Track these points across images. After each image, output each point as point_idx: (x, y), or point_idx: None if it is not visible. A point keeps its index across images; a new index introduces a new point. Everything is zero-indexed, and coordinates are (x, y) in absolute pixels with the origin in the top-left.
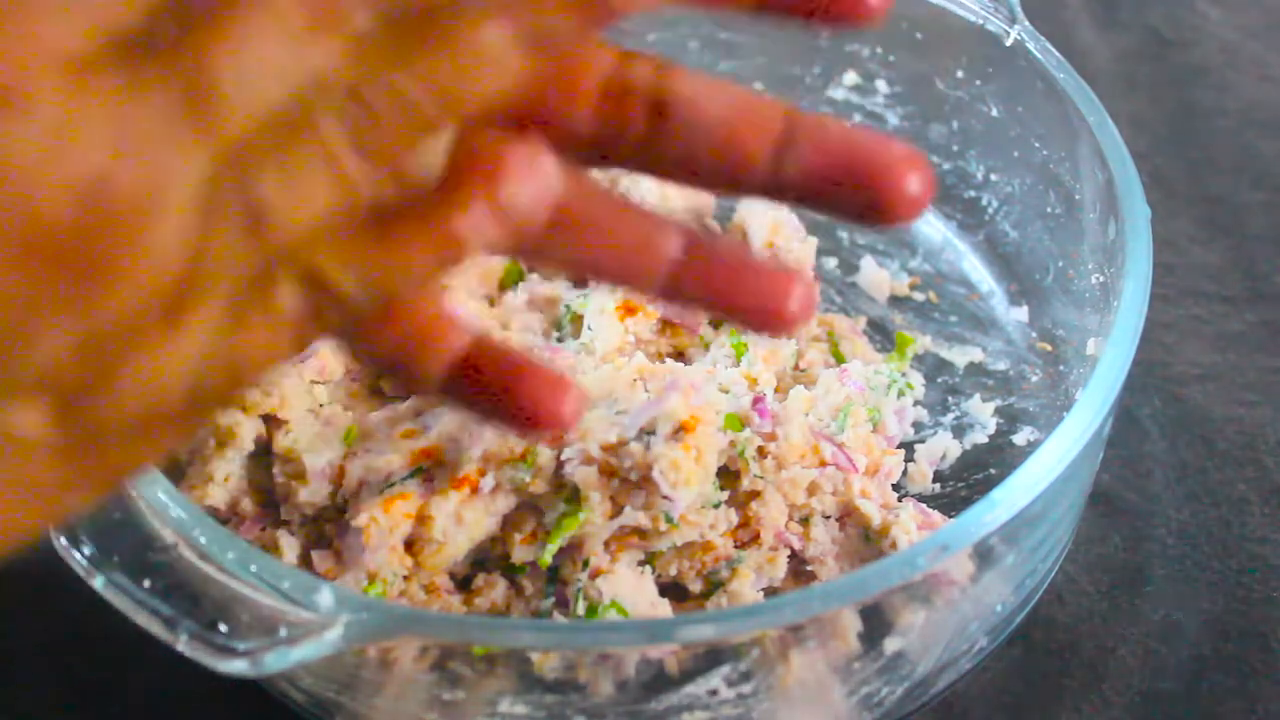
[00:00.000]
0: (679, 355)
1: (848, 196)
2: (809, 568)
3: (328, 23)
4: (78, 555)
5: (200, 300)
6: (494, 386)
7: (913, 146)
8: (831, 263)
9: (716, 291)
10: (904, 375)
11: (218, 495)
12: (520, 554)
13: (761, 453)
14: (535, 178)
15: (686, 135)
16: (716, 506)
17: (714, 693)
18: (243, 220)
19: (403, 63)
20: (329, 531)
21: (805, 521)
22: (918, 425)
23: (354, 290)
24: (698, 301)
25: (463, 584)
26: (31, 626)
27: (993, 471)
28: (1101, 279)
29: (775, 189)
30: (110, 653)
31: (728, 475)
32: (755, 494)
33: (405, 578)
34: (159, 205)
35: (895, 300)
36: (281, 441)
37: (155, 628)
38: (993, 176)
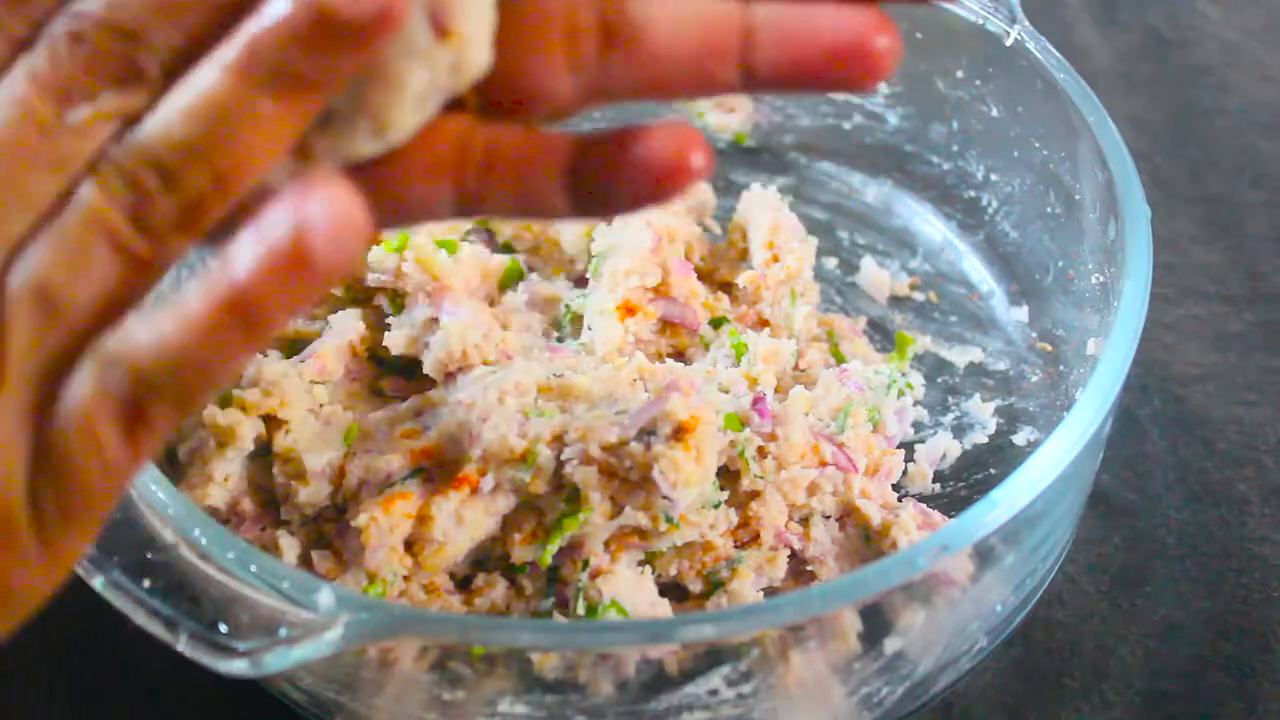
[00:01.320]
0: (679, 355)
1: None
2: (809, 568)
3: (74, 105)
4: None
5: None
6: (614, 165)
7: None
8: (831, 263)
9: (790, 65)
10: (904, 375)
11: (218, 495)
12: (520, 554)
13: (761, 453)
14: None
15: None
16: (716, 506)
17: (714, 693)
18: (31, 303)
19: (165, 139)
20: (329, 531)
21: (805, 521)
22: (918, 425)
23: (165, 383)
24: (778, 84)
25: (463, 584)
26: (32, 627)
27: (993, 471)
28: (1101, 279)
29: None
30: (110, 653)
31: (728, 475)
32: (755, 494)
33: (405, 578)
34: None
35: (895, 300)
36: (281, 441)
37: (155, 628)
38: (993, 176)
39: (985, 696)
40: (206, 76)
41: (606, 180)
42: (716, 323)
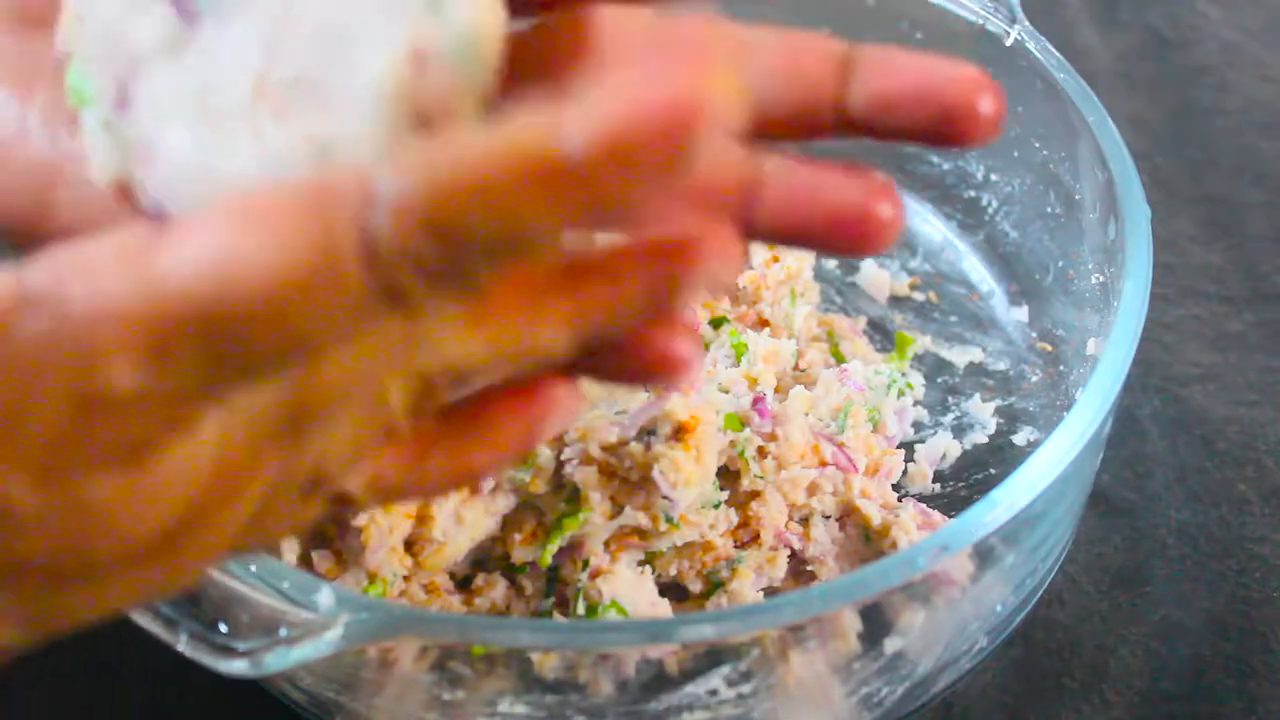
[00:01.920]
0: None
1: (920, 118)
2: (809, 568)
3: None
4: None
5: (247, 524)
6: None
7: (979, 70)
8: (831, 263)
9: (789, 228)
10: (904, 375)
11: None
12: (520, 554)
13: (761, 453)
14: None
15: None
16: (716, 506)
17: (714, 693)
18: (301, 485)
19: (461, 342)
20: (329, 531)
21: (805, 521)
22: (918, 425)
23: (372, 502)
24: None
25: (463, 584)
26: None
27: (993, 471)
28: (1101, 279)
29: (845, 122)
30: (110, 653)
31: (728, 475)
32: (755, 494)
33: (405, 578)
34: (233, 501)
35: (895, 300)
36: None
37: (155, 628)
38: (993, 176)
39: (985, 696)
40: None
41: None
42: (716, 323)
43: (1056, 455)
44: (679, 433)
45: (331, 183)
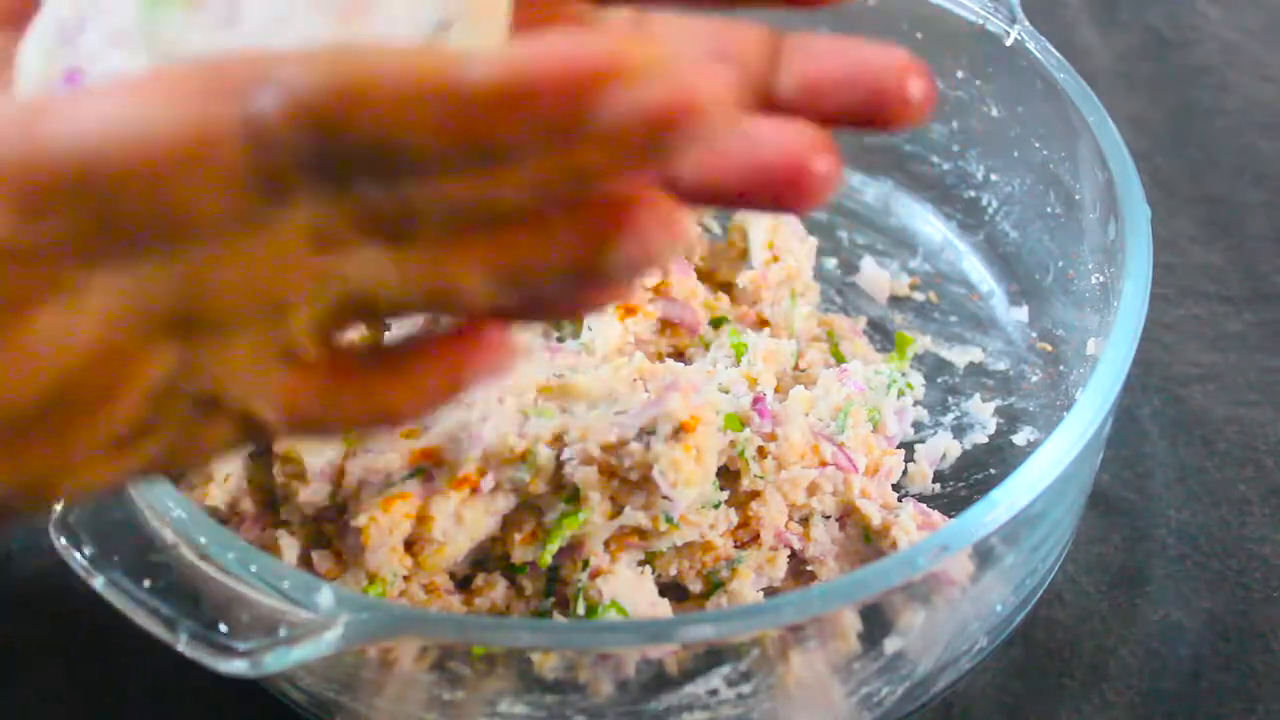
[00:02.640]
0: (679, 355)
1: (848, 101)
2: (809, 568)
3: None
4: (78, 555)
5: (142, 441)
6: None
7: (907, 52)
8: (831, 263)
9: (715, 184)
10: (904, 375)
11: (218, 495)
12: (520, 554)
13: (761, 453)
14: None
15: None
16: (716, 506)
17: (714, 693)
18: (199, 398)
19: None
20: (329, 531)
21: (805, 521)
22: (918, 425)
23: (285, 430)
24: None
25: (463, 584)
26: (33, 627)
27: (993, 471)
28: (1101, 279)
29: (775, 106)
30: (110, 653)
31: (728, 475)
32: (755, 494)
33: (405, 578)
34: (119, 392)
35: (895, 300)
36: (282, 441)
37: (155, 628)
38: (993, 176)
39: (985, 696)
40: None
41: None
42: (716, 323)
43: (1056, 455)
44: (679, 433)
45: (228, 64)
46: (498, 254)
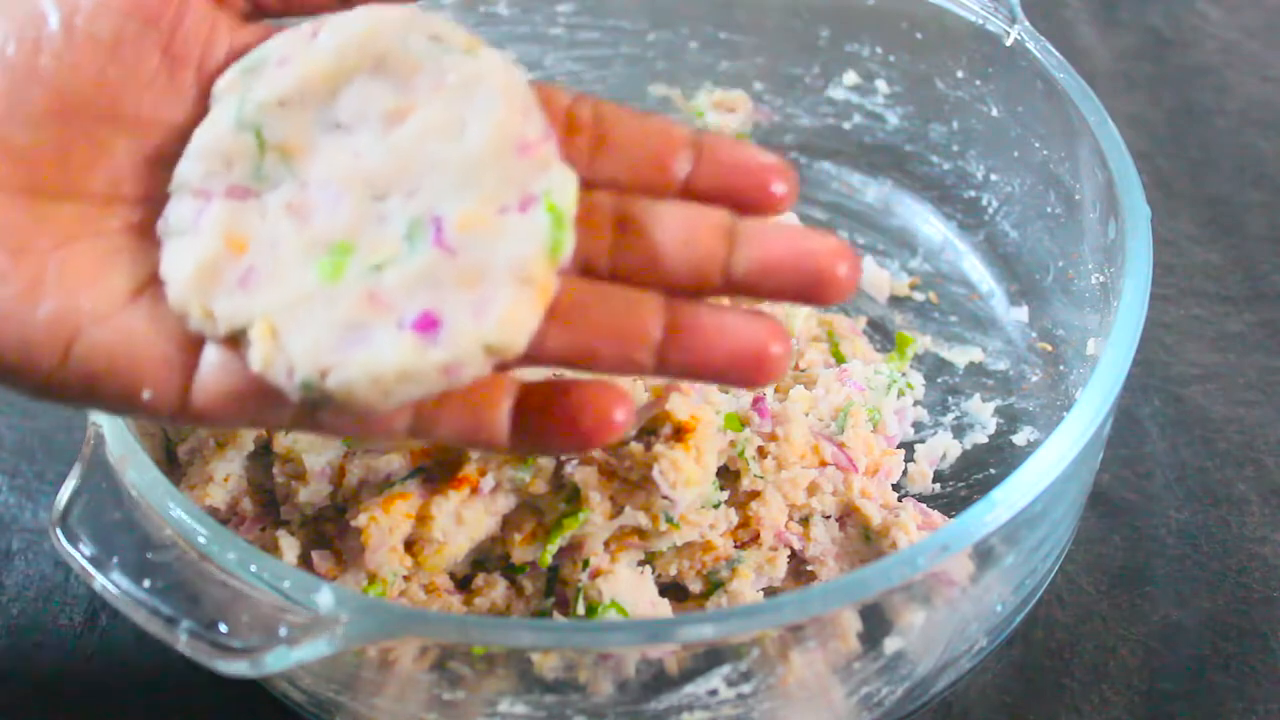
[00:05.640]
0: None
1: (792, 282)
2: (809, 568)
3: None
4: (78, 555)
5: None
6: (548, 414)
7: (838, 238)
8: None
9: (697, 364)
10: (904, 375)
11: (218, 495)
12: (520, 554)
13: (761, 453)
14: None
15: (647, 245)
16: (716, 506)
17: (714, 693)
18: None
19: None
20: (329, 531)
21: (805, 521)
22: (918, 425)
23: None
24: (683, 376)
25: (463, 584)
26: (33, 628)
27: (993, 471)
28: (1101, 279)
29: (732, 284)
30: (110, 653)
31: (728, 475)
32: (755, 494)
33: (405, 578)
34: None
35: (895, 300)
36: (281, 441)
37: (155, 628)
38: (993, 176)
39: (985, 696)
40: None
41: (540, 426)
42: None
43: (1056, 455)
44: (679, 433)
45: None
46: None
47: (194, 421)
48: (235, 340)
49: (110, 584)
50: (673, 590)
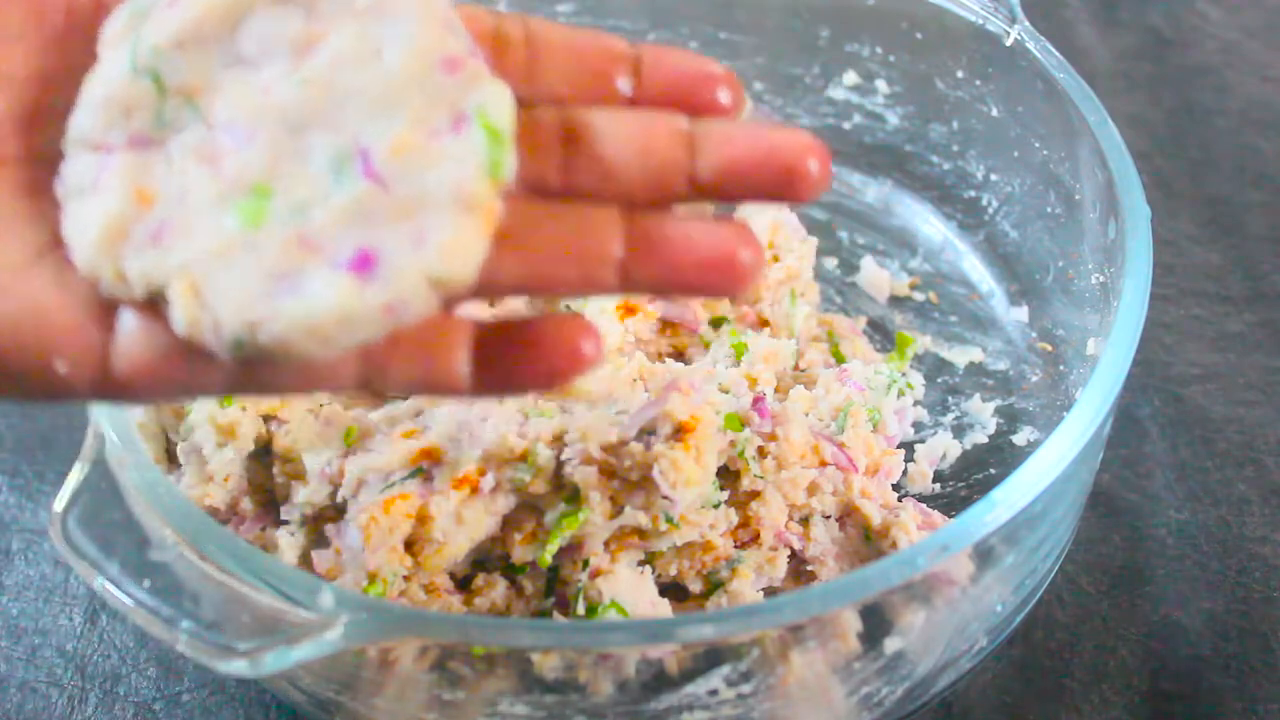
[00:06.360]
0: (679, 355)
1: (762, 181)
2: (809, 568)
3: None
4: (78, 555)
5: None
6: (511, 353)
7: (806, 133)
8: (831, 263)
9: (664, 277)
10: (904, 375)
11: (218, 495)
12: (520, 554)
13: (761, 453)
14: None
15: (599, 157)
16: (716, 506)
17: (714, 693)
18: None
19: None
20: (329, 531)
21: (805, 521)
22: (918, 425)
23: None
24: (652, 291)
25: (463, 584)
26: (33, 629)
27: (993, 471)
28: (1101, 279)
29: (698, 189)
30: (110, 653)
31: (728, 475)
32: (755, 494)
33: (405, 578)
34: None
35: (895, 300)
36: (281, 441)
37: (155, 628)
38: (993, 176)
39: (985, 696)
40: None
41: (504, 367)
42: (716, 323)
43: (1056, 455)
44: (679, 433)
45: None
46: None
47: (119, 395)
48: (155, 302)
49: (110, 584)
50: (673, 590)
